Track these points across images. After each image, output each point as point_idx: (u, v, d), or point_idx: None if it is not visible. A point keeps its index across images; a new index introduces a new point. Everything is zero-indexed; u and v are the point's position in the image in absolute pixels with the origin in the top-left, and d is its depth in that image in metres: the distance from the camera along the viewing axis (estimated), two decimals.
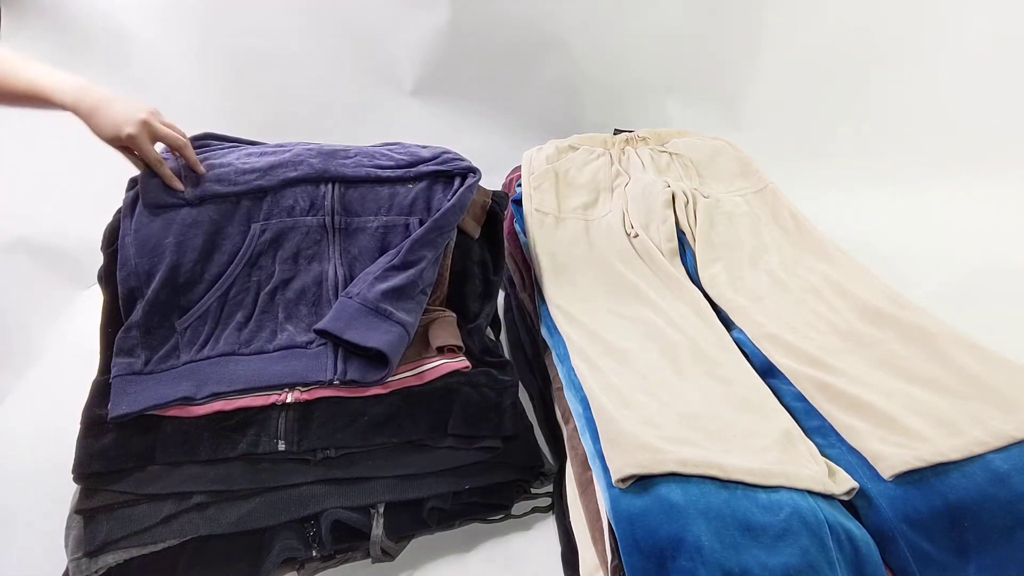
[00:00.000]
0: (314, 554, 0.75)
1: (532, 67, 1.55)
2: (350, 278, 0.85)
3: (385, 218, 0.88)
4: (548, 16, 1.48)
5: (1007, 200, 1.47)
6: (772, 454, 0.67)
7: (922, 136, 1.60)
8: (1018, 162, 1.53)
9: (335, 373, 0.77)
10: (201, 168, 0.84)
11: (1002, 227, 1.40)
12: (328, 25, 1.48)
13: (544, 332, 0.96)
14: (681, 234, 1.04)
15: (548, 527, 0.85)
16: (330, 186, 0.88)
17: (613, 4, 1.49)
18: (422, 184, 0.91)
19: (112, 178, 0.88)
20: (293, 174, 0.88)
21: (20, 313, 1.21)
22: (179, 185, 0.82)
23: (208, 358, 0.77)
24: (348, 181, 0.89)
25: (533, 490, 0.87)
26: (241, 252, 0.82)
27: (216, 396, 0.74)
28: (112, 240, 0.82)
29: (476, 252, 0.95)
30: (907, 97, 1.61)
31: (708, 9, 1.53)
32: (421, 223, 0.88)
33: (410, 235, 0.86)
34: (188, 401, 0.73)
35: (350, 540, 0.77)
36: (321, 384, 0.77)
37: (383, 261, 0.85)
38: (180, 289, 0.79)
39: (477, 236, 0.95)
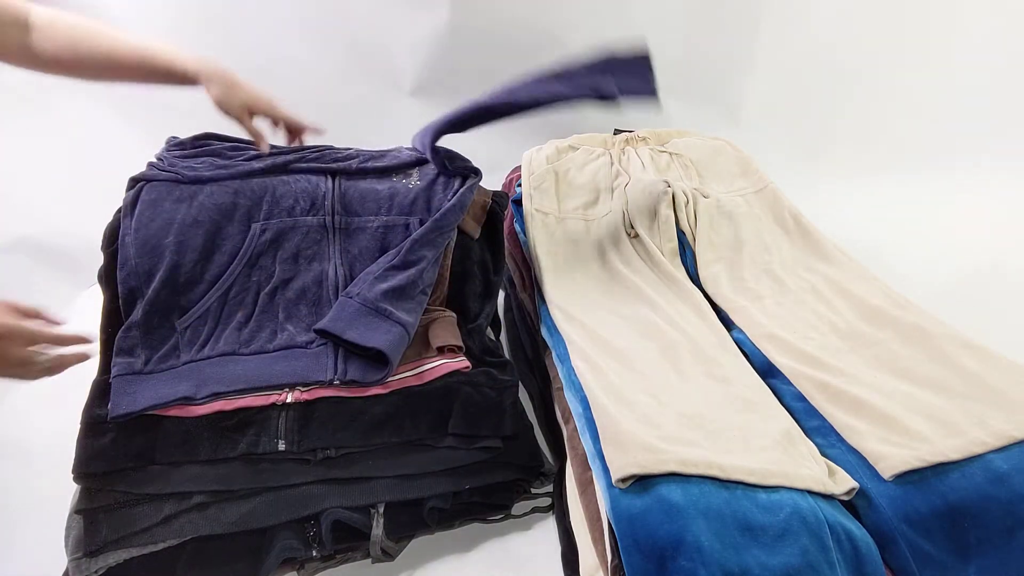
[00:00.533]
0: (314, 554, 0.75)
1: (532, 67, 1.55)
2: (350, 278, 0.85)
3: (385, 218, 0.88)
4: (548, 16, 1.48)
5: (1008, 200, 1.47)
6: (772, 454, 0.67)
7: (923, 136, 1.60)
8: (1020, 161, 1.53)
9: (335, 373, 0.77)
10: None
11: (1003, 227, 1.40)
12: (328, 25, 1.48)
13: (544, 332, 0.96)
14: (681, 234, 1.04)
15: (548, 527, 0.85)
16: (330, 186, 0.89)
17: (613, 4, 1.49)
18: (422, 184, 0.91)
19: (112, 178, 0.88)
20: (294, 174, 0.88)
21: None
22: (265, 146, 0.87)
23: (208, 358, 0.77)
24: (349, 174, 0.90)
25: (533, 490, 0.87)
26: (241, 252, 0.82)
27: (216, 396, 0.74)
28: (112, 240, 0.82)
29: (476, 252, 0.95)
30: (908, 96, 1.61)
31: (708, 9, 1.52)
32: (421, 223, 0.88)
33: (410, 235, 0.86)
34: (188, 401, 0.73)
35: (350, 540, 0.77)
36: (321, 384, 0.77)
37: (383, 261, 0.85)
38: (180, 289, 0.79)
39: (477, 236, 0.95)
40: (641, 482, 0.64)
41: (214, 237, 0.82)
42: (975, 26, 1.54)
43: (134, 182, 0.85)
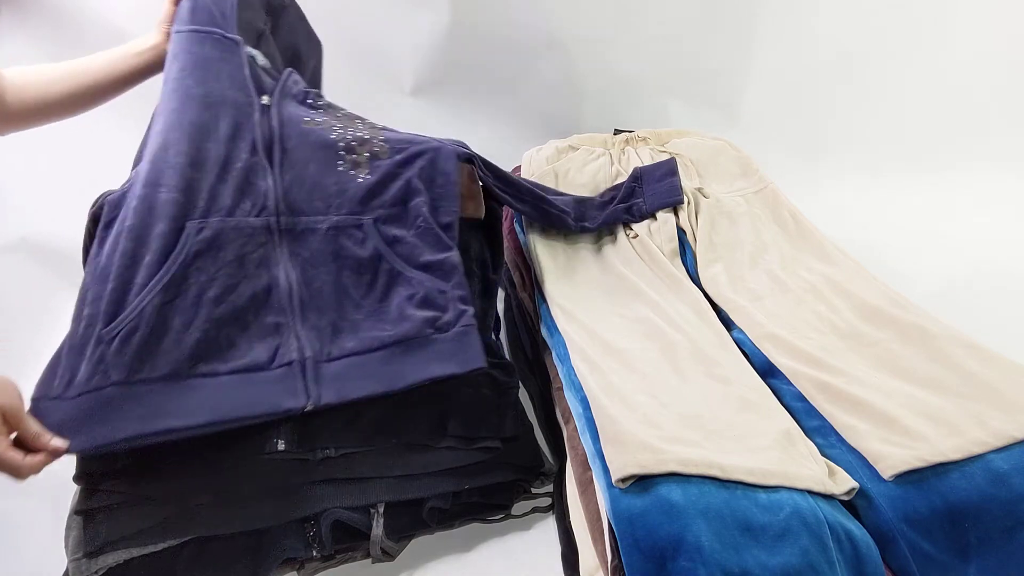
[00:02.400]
0: (314, 554, 0.75)
1: (532, 67, 1.55)
2: (304, 283, 0.77)
3: (336, 217, 0.80)
4: (548, 16, 1.48)
5: (1008, 200, 1.47)
6: (772, 454, 0.67)
7: (923, 136, 1.60)
8: (1020, 161, 1.53)
9: (308, 398, 0.71)
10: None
11: (1003, 227, 1.40)
12: (328, 25, 1.48)
13: (544, 332, 0.96)
14: (681, 234, 1.04)
15: (548, 527, 0.85)
16: (271, 183, 0.79)
17: (613, 5, 1.49)
18: (373, 178, 0.83)
19: (113, 179, 0.88)
20: (234, 154, 0.78)
21: (20, 313, 1.21)
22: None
23: (147, 380, 0.66)
24: (287, 131, 0.82)
25: (533, 490, 0.87)
26: (176, 251, 0.71)
27: (171, 432, 0.65)
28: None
29: (475, 250, 0.94)
30: (908, 97, 1.61)
31: (708, 10, 1.53)
32: (376, 222, 0.81)
33: (365, 235, 0.80)
34: (135, 441, 0.64)
35: (350, 540, 0.77)
36: (292, 413, 0.70)
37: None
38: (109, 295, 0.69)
39: (482, 214, 0.91)
40: (641, 482, 0.64)
41: (142, 236, 0.71)
42: (976, 26, 1.54)
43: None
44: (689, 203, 1.08)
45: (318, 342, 0.74)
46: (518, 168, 1.25)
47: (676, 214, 1.06)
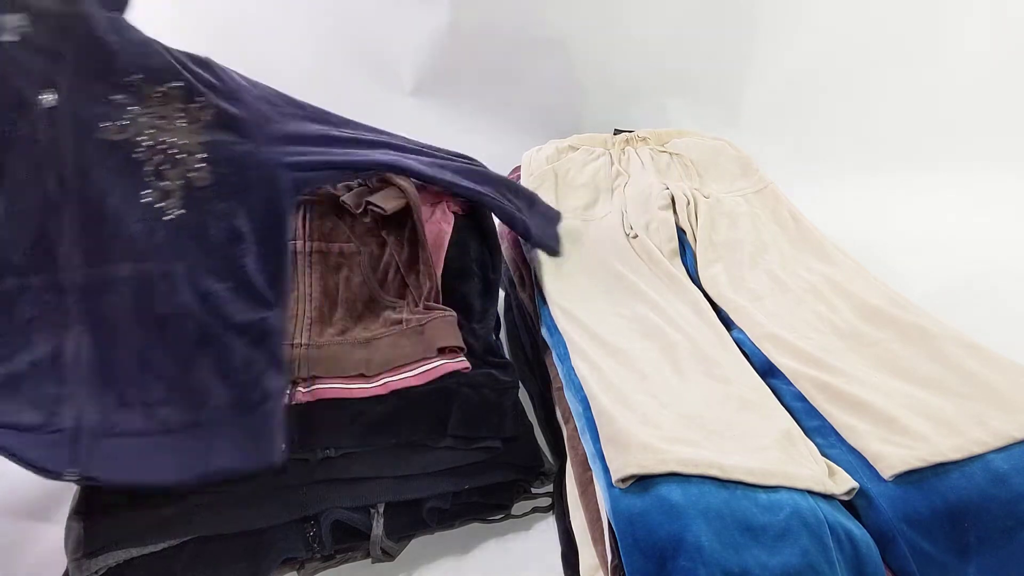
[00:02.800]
0: (314, 554, 0.75)
1: (532, 67, 1.55)
2: (96, 347, 0.66)
3: (140, 266, 0.67)
4: (548, 16, 1.48)
5: (1008, 200, 1.47)
6: (772, 454, 0.67)
7: (924, 136, 1.60)
8: (1021, 161, 1.53)
9: (72, 468, 0.62)
10: None
11: (1003, 227, 1.40)
12: (328, 25, 1.48)
13: (544, 332, 0.96)
14: (681, 234, 1.05)
15: (548, 527, 0.85)
16: (64, 222, 0.65)
17: (614, 5, 1.49)
18: (186, 213, 0.69)
19: None
20: (17, 188, 0.64)
21: None
22: None
23: None
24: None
25: (533, 490, 0.87)
26: None
27: None
28: None
29: (474, 250, 0.94)
30: (909, 97, 1.61)
31: (708, 10, 1.53)
32: (190, 270, 0.68)
33: (174, 288, 0.68)
34: None
35: (350, 540, 0.77)
36: (48, 476, 0.63)
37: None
38: None
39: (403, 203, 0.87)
40: (641, 482, 0.63)
41: None
42: (975, 26, 1.54)
43: None
44: (689, 203, 1.07)
45: (101, 414, 0.64)
46: (518, 168, 1.25)
47: (675, 213, 1.06)
